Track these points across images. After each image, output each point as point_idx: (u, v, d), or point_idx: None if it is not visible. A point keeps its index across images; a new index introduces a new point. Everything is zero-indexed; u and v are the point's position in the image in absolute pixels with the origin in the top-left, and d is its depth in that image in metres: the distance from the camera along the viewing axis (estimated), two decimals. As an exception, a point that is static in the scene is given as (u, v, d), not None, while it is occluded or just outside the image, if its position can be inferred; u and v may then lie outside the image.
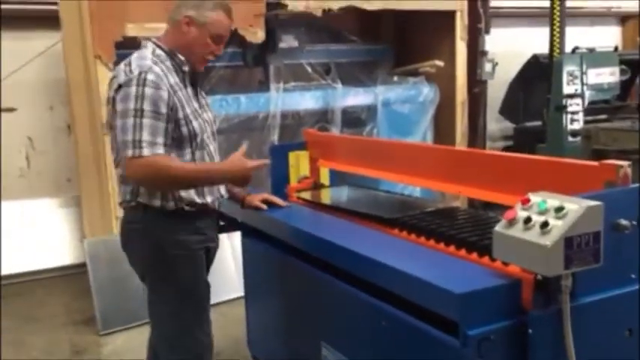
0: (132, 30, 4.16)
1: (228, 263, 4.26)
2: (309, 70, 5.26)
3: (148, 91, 2.07)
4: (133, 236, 2.28)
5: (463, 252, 2.01)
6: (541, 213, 1.61)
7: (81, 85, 4.32)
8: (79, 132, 4.45)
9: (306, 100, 5.07)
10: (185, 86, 2.26)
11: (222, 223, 2.81)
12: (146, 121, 2.05)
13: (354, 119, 5.39)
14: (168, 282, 2.27)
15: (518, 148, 6.41)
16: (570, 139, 5.39)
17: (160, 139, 2.08)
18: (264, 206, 2.71)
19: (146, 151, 2.05)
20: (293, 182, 3.21)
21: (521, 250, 1.60)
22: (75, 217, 5.22)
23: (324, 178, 3.33)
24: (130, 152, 2.05)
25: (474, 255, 1.96)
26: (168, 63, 2.21)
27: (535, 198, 1.67)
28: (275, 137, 4.84)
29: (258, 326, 3.12)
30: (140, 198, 2.22)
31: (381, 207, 2.71)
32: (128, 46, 4.16)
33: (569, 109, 5.40)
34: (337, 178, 3.33)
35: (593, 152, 5.07)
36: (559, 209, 1.57)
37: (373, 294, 1.99)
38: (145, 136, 2.05)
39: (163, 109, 2.10)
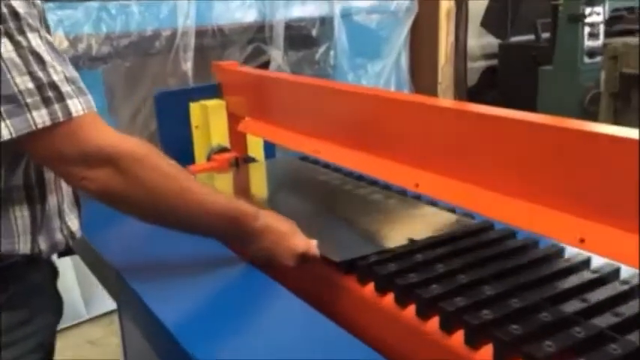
0: None
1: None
2: (236, -34, 3.86)
3: (17, 3, 1.00)
4: None
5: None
6: None
7: None
8: None
9: (233, 11, 3.71)
10: None
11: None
12: (43, 50, 1.00)
13: (301, 37, 4.12)
14: None
15: (503, 68, 5.52)
16: (587, 60, 4.35)
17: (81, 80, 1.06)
18: None
19: (79, 103, 0.99)
20: (200, 160, 1.85)
21: None
22: None
23: (255, 147, 1.94)
24: (41, 118, 0.95)
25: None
26: None
27: None
28: (188, 66, 3.41)
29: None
30: None
31: (344, 219, 1.39)
32: None
33: (587, 19, 4.30)
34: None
35: (621, 78, 3.93)
36: None
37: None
38: (59, 74, 0.98)
39: (48, 35, 1.09)
